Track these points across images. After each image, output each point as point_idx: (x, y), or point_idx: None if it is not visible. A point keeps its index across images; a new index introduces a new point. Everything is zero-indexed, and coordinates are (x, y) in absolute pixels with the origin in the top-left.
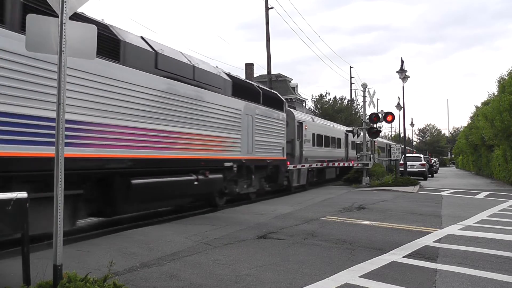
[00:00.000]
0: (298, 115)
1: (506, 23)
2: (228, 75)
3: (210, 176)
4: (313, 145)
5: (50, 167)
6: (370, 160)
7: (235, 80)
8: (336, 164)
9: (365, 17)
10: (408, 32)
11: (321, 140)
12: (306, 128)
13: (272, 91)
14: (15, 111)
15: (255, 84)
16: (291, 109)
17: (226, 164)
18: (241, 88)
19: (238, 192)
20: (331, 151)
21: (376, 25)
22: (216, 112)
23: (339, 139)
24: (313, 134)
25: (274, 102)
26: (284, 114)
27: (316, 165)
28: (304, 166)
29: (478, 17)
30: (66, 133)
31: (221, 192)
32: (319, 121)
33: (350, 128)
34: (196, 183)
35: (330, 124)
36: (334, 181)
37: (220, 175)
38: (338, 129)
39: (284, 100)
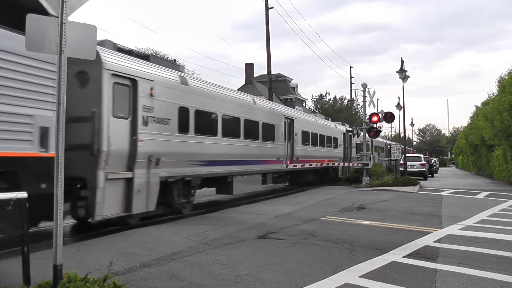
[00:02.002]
0: (121, 62)
1: (506, 23)
2: None
3: None
4: (186, 131)
5: None
6: (370, 160)
7: None
8: (267, 167)
9: (364, 17)
10: (407, 32)
11: (213, 123)
12: (152, 94)
13: None
14: None
15: None
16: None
17: None
18: None
19: None
20: (248, 146)
21: (375, 25)
22: None
23: (270, 127)
24: (186, 111)
25: None
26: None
27: (195, 167)
28: (143, 174)
29: (477, 17)
30: None
31: None
32: (206, 87)
33: (350, 128)
34: None
35: (246, 98)
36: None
37: None
38: (268, 110)
39: None
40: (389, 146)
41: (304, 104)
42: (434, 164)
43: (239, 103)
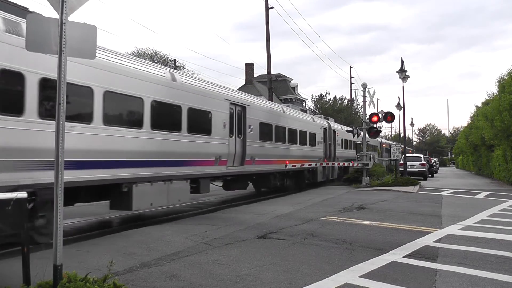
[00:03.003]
0: None
1: (505, 23)
2: None
3: None
4: (17, 112)
5: None
6: (370, 160)
7: None
8: (200, 171)
9: (364, 17)
10: (407, 32)
11: (85, 103)
12: None
13: None
14: None
15: None
16: None
17: None
18: None
19: None
20: (160, 141)
21: (375, 25)
22: None
23: (203, 114)
24: (19, 79)
25: None
26: None
27: (41, 171)
28: None
29: (477, 17)
30: None
31: None
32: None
33: (350, 128)
34: None
35: (159, 71)
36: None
37: None
38: (200, 91)
39: None
40: (384, 145)
41: (304, 104)
42: (434, 164)
43: (142, 76)
